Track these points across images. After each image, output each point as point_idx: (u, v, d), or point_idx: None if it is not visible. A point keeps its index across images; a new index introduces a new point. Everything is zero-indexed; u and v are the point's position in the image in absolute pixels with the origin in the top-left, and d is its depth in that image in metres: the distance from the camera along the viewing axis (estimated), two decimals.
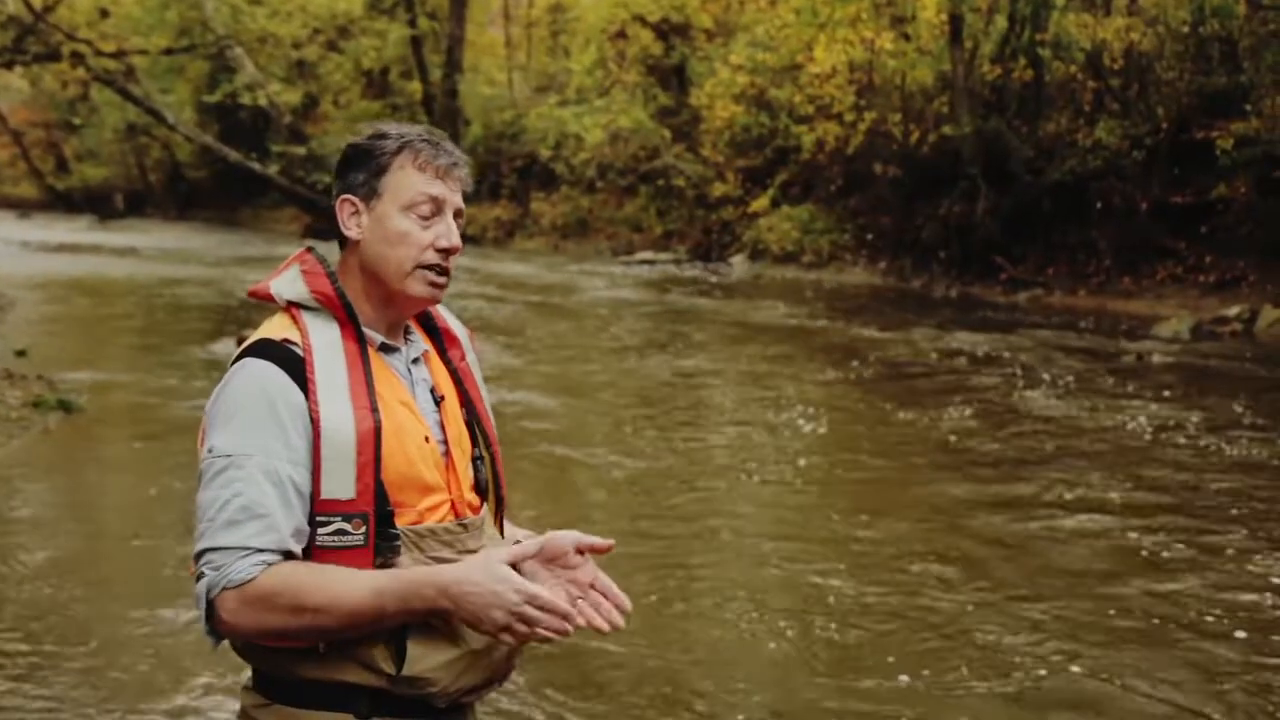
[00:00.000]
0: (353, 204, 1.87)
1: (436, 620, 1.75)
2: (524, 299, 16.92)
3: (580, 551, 1.85)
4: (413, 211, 1.84)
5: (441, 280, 1.87)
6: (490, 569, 1.69)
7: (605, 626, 1.80)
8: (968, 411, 9.24)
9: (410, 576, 1.71)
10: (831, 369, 11.37)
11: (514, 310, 15.63)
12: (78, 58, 20.03)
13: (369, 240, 1.86)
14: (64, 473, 7.39)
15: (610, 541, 1.86)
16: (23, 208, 41.95)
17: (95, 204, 39.75)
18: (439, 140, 1.89)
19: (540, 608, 1.67)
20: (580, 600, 1.81)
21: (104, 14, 22.26)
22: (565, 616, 1.68)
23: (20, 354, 10.83)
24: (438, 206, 1.86)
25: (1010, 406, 9.48)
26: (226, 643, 1.78)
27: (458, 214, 1.89)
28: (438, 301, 1.92)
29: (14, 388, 9.23)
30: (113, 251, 25.07)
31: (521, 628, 1.67)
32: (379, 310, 1.88)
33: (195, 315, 15.19)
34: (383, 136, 1.88)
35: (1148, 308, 15.44)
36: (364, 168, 1.87)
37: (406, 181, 1.85)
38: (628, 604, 1.84)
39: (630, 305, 16.67)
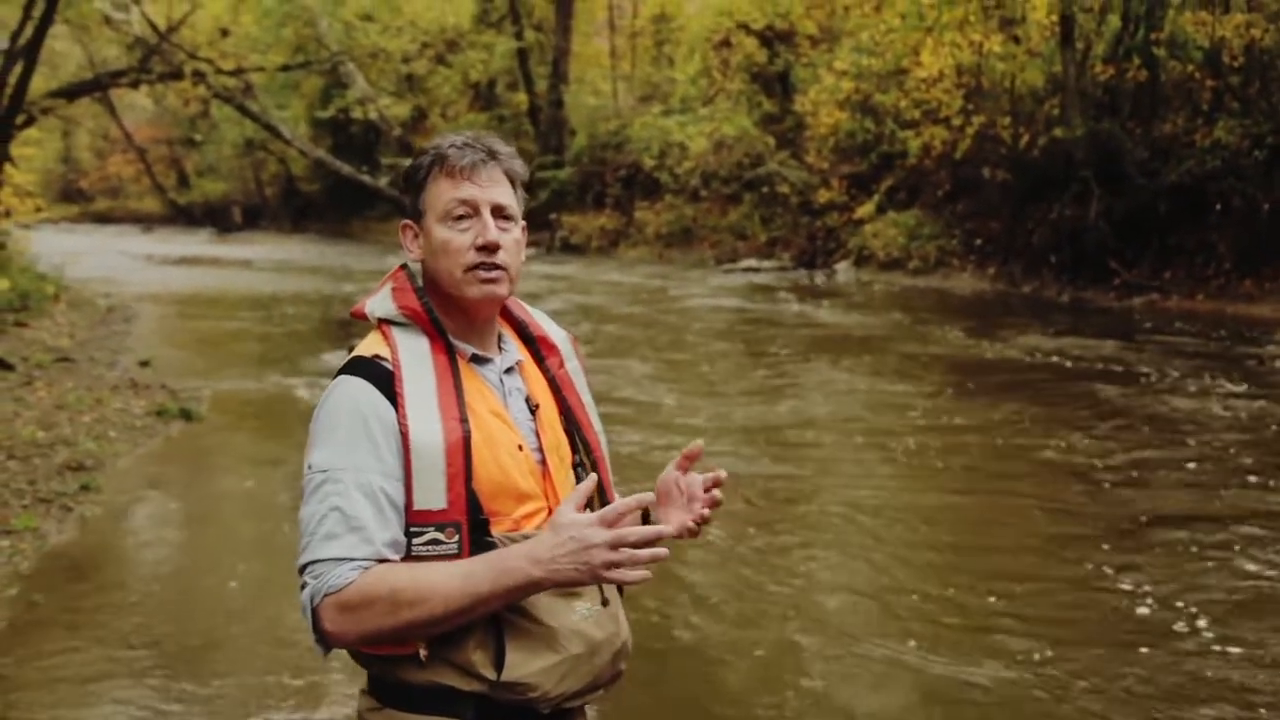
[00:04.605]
0: (411, 227, 1.95)
1: (534, 625, 1.79)
2: (627, 309, 17.00)
3: (683, 468, 2.02)
4: (448, 219, 1.88)
5: (492, 275, 1.87)
6: (559, 522, 1.71)
7: (692, 526, 1.99)
8: (1093, 422, 9.02)
9: (496, 554, 1.74)
10: (951, 379, 11.19)
11: (617, 321, 15.71)
12: (199, 76, 20.71)
13: (426, 258, 1.92)
14: (186, 479, 7.64)
15: (697, 444, 1.99)
16: (146, 222, 43.70)
17: (214, 218, 41.07)
18: (471, 141, 1.91)
19: (619, 524, 1.69)
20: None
21: (224, 33, 23.02)
22: (658, 534, 1.70)
23: (144, 364, 11.25)
24: (471, 208, 1.88)
25: (1139, 414, 9.23)
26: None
27: (496, 210, 1.89)
28: (498, 298, 1.90)
29: (139, 397, 9.60)
30: (230, 264, 25.88)
31: (622, 555, 1.67)
32: (461, 321, 1.91)
33: (308, 326, 15.58)
34: (423, 154, 1.94)
35: (1271, 311, 14.88)
36: (411, 189, 1.94)
37: (438, 192, 1.89)
38: (721, 474, 2.03)
39: (735, 314, 16.63)
